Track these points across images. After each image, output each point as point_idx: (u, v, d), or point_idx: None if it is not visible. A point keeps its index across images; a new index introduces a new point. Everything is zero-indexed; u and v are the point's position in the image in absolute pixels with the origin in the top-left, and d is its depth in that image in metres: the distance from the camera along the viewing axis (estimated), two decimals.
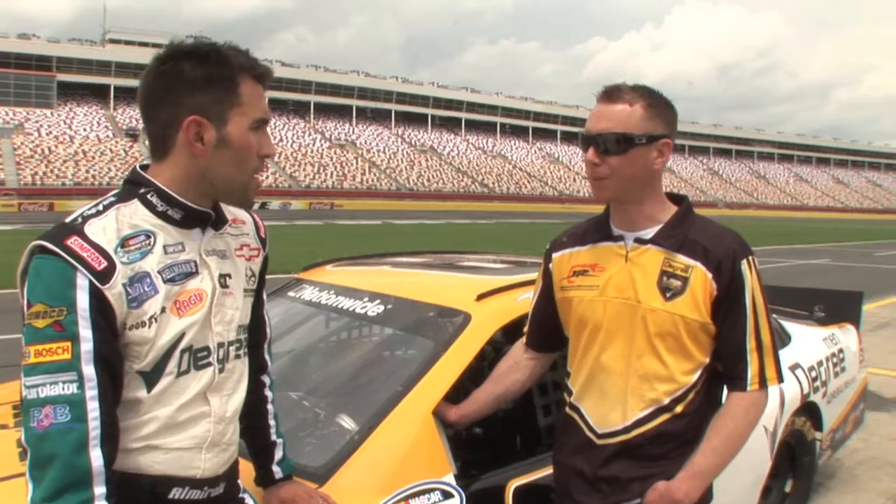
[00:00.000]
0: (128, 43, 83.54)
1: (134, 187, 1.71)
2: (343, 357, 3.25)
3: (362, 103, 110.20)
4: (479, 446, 2.90)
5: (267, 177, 77.24)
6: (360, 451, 2.22)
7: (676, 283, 1.99)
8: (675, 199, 2.12)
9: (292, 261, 11.31)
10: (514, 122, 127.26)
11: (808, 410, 3.96)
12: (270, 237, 2.05)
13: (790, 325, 4.39)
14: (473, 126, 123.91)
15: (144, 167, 1.75)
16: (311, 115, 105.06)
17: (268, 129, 1.78)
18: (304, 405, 2.67)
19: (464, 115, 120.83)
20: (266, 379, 2.12)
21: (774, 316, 4.34)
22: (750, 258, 2.01)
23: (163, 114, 1.66)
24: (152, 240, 1.67)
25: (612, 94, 1.98)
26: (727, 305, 1.99)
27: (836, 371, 4.32)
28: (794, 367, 3.87)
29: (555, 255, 2.24)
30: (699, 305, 1.98)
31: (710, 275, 1.99)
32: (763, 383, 2.02)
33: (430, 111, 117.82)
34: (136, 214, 1.67)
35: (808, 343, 4.25)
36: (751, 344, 2.00)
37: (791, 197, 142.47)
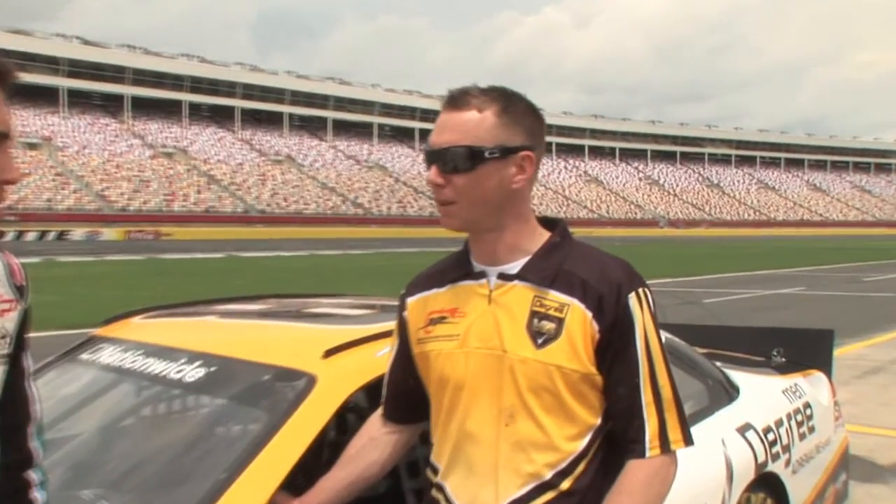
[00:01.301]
0: None
1: None
2: (153, 438, 3.21)
3: (197, 98, 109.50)
4: None
5: (66, 196, 75.26)
6: None
7: (549, 325, 2.04)
8: (550, 223, 2.19)
9: (97, 311, 11.05)
10: (396, 122, 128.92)
11: (767, 484, 4.02)
12: (59, 281, 2.00)
13: (738, 375, 4.51)
14: (343, 128, 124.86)
15: None
16: (127, 114, 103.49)
17: (10, 145, 1.74)
18: None
19: (330, 115, 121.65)
20: (34, 476, 2.05)
21: (718, 363, 4.49)
22: (640, 291, 2.08)
23: None
24: None
25: (457, 99, 2.04)
26: (614, 351, 2.05)
27: (802, 432, 4.42)
28: (743, 429, 3.97)
29: (409, 301, 2.28)
30: (578, 352, 2.03)
31: (589, 314, 2.04)
32: (665, 446, 2.07)
33: (286, 109, 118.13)
34: None
35: (762, 396, 4.38)
36: (646, 397, 2.06)
37: (754, 210, 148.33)
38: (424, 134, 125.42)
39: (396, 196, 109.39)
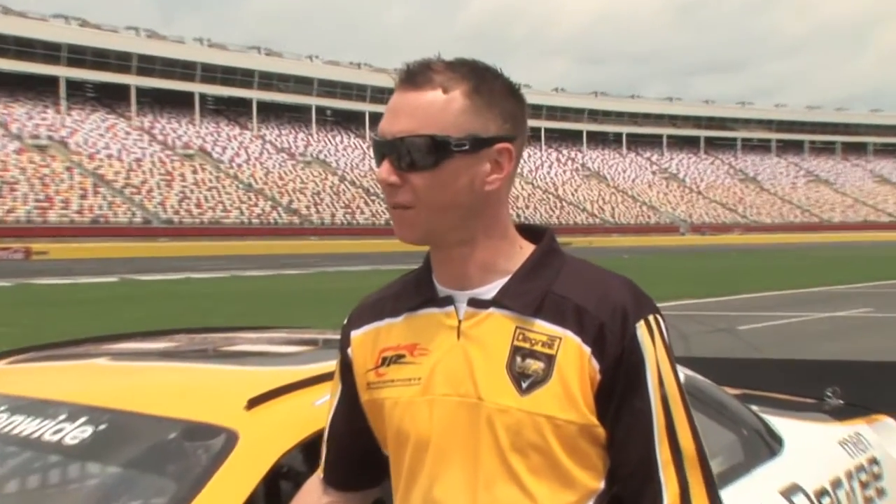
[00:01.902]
0: None
1: None
2: None
3: (78, 73, 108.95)
4: None
5: None
6: None
7: (536, 364, 2.03)
8: (534, 234, 2.20)
9: None
10: (341, 104, 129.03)
11: None
12: None
13: (782, 422, 4.52)
14: (272, 112, 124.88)
15: None
16: None
17: None
18: None
19: (255, 95, 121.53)
20: None
21: (756, 408, 4.51)
22: (651, 318, 2.08)
23: None
24: None
25: (416, 76, 2.04)
26: (620, 396, 2.04)
27: (869, 495, 4.42)
28: (789, 492, 3.97)
29: (355, 335, 2.28)
30: (574, 398, 2.02)
31: (587, 349, 2.03)
32: None
33: (197, 88, 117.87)
34: None
35: (813, 450, 4.39)
36: (663, 454, 2.06)
37: (801, 209, 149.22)
38: (376, 120, 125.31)
39: (342, 199, 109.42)
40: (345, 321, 2.33)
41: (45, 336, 4.73)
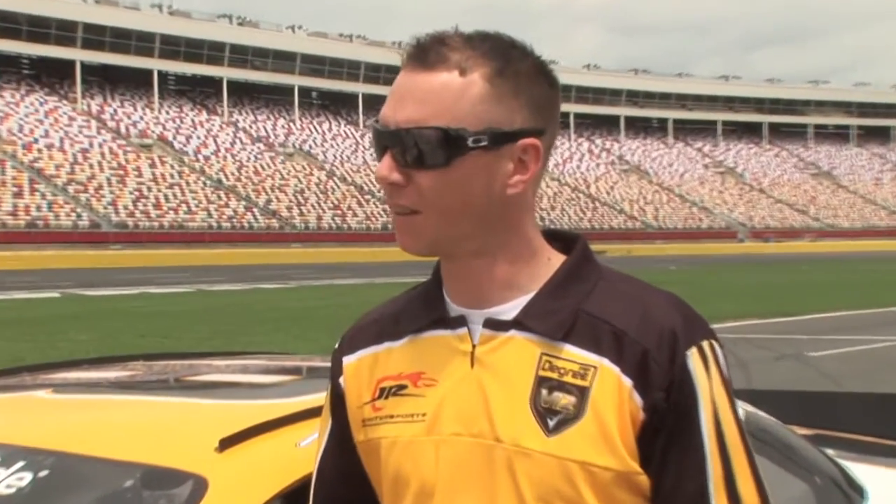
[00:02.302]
0: None
1: None
2: None
3: (9, 46, 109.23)
4: None
5: None
6: None
7: (566, 399, 2.01)
8: (563, 242, 2.20)
9: None
10: (329, 84, 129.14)
11: None
12: None
13: (864, 469, 4.52)
14: (247, 94, 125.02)
15: None
16: None
17: None
18: None
19: (226, 73, 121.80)
20: None
21: (832, 451, 4.51)
22: (706, 344, 2.06)
23: None
24: None
25: (427, 52, 2.02)
26: (667, 438, 2.02)
27: None
28: None
29: (347, 362, 2.28)
30: (612, 440, 1.98)
31: (627, 381, 2.01)
32: None
33: (156, 65, 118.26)
34: None
35: None
36: None
37: (888, 211, 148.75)
38: (372, 103, 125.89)
39: (330, 199, 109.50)
40: (336, 345, 2.32)
41: None
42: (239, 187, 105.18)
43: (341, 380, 2.28)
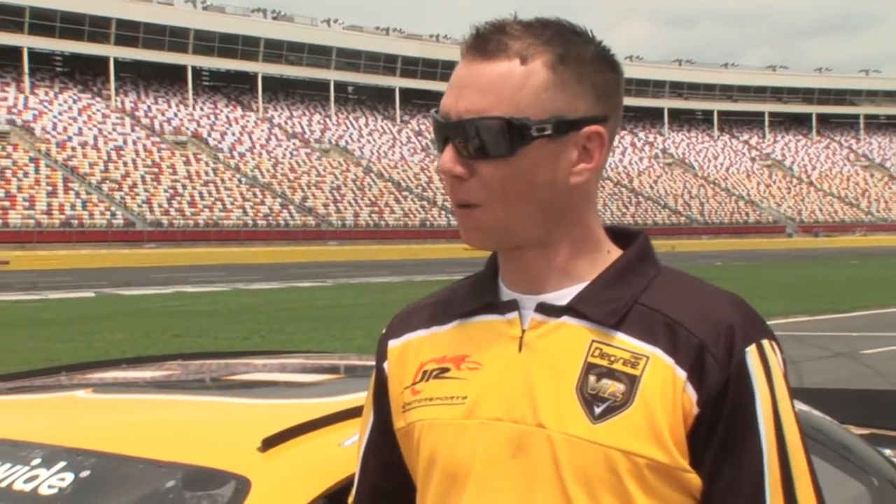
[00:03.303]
0: None
1: None
2: None
3: (42, 43, 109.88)
4: None
5: None
6: None
7: (614, 386, 2.00)
8: (624, 239, 2.18)
9: None
10: (365, 79, 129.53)
11: None
12: None
13: None
14: (282, 89, 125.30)
15: None
16: None
17: None
18: None
19: (261, 69, 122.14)
20: None
21: (889, 452, 4.47)
22: (766, 343, 2.04)
23: None
24: None
25: (487, 41, 2.02)
26: (722, 438, 2.00)
27: None
28: None
29: (392, 346, 2.28)
30: (660, 432, 1.98)
31: (681, 373, 2.00)
32: None
33: (189, 60, 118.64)
34: None
35: None
36: None
37: None
38: (409, 97, 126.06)
39: (367, 196, 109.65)
40: (383, 330, 2.32)
41: (8, 365, 4.77)
42: (274, 184, 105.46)
43: (385, 364, 2.28)
